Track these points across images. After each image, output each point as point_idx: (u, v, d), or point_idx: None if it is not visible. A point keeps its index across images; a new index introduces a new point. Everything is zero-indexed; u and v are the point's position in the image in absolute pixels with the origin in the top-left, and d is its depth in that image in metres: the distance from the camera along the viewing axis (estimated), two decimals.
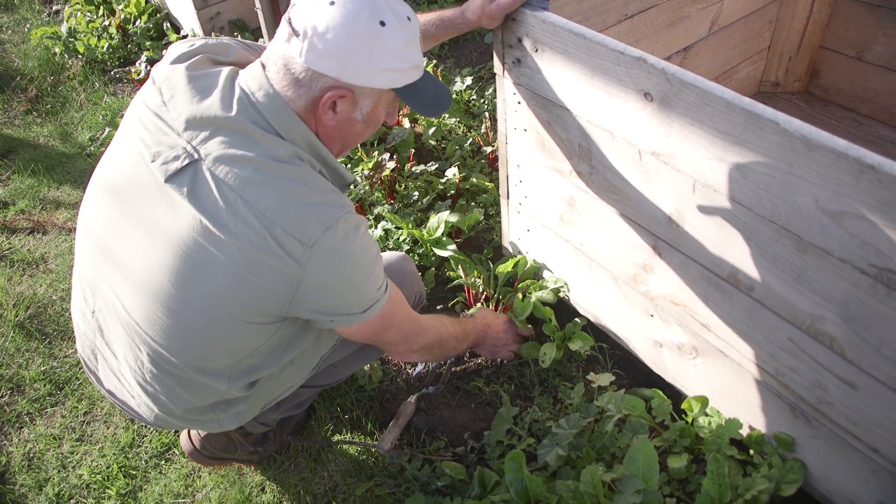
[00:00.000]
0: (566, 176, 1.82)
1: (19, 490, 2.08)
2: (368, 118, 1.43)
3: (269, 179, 1.30)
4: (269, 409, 1.78)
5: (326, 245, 1.32)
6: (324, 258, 1.32)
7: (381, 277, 1.49)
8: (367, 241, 1.42)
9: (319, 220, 1.31)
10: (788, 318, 1.41)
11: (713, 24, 2.30)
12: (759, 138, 1.23)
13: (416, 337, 1.68)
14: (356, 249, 1.37)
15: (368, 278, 1.43)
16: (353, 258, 1.37)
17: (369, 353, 1.89)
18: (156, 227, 1.35)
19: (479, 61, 3.67)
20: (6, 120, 3.93)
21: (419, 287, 1.97)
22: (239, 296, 1.34)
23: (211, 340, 1.41)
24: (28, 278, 2.84)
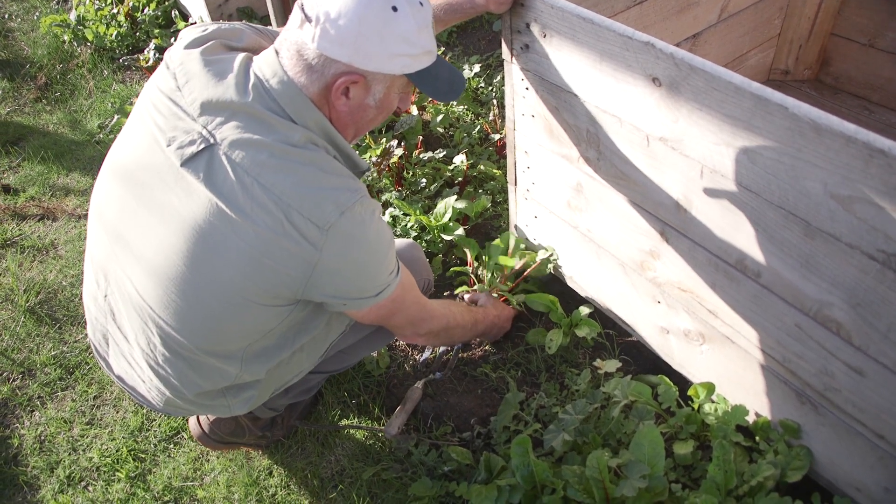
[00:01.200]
0: (574, 162, 1.82)
1: (31, 472, 2.10)
2: (381, 104, 1.43)
3: (285, 164, 1.31)
4: (278, 395, 1.79)
5: (342, 229, 1.33)
6: (340, 242, 1.34)
7: (393, 261, 1.51)
8: (381, 225, 1.43)
9: (336, 203, 1.32)
10: (796, 305, 1.41)
11: (723, 10, 2.28)
12: (768, 123, 1.22)
13: (423, 322, 1.69)
14: (371, 233, 1.38)
15: (382, 262, 1.45)
16: (369, 242, 1.38)
17: (378, 340, 1.90)
18: (170, 211, 1.36)
19: (487, 49, 3.66)
20: (16, 108, 3.95)
21: (427, 274, 1.97)
22: (254, 279, 1.35)
23: (224, 323, 1.42)
24: (38, 264, 2.86)
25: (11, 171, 3.46)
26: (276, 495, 1.94)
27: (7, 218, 3.11)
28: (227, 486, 1.97)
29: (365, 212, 1.37)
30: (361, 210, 1.36)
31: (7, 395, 2.33)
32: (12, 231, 3.04)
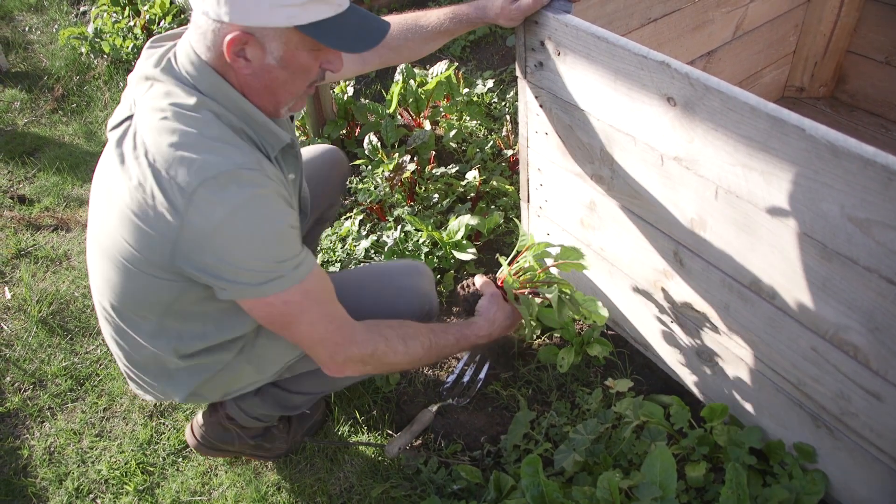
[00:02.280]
0: (587, 180, 1.81)
1: (40, 483, 2.10)
2: (287, 63, 1.31)
3: (168, 125, 1.29)
4: (250, 403, 1.78)
5: (205, 196, 1.24)
6: (202, 210, 1.25)
7: (281, 253, 1.33)
8: (260, 206, 1.28)
9: (202, 169, 1.25)
10: (811, 327, 1.39)
11: (738, 28, 2.27)
12: (785, 144, 1.21)
13: (338, 346, 1.47)
14: (240, 209, 1.26)
15: (257, 247, 1.30)
16: (235, 217, 1.26)
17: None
18: (109, 191, 1.38)
19: (500, 64, 3.67)
20: (33, 118, 3.98)
21: (425, 302, 1.80)
22: (127, 238, 1.34)
23: (123, 288, 1.44)
24: (51, 275, 2.87)
25: (27, 182, 3.48)
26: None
27: (21, 228, 3.13)
28: (236, 502, 1.97)
29: (238, 183, 1.26)
30: (232, 180, 1.25)
31: (18, 405, 2.33)
32: (26, 241, 3.06)
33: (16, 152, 3.67)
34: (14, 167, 3.57)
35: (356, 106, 3.12)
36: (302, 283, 1.37)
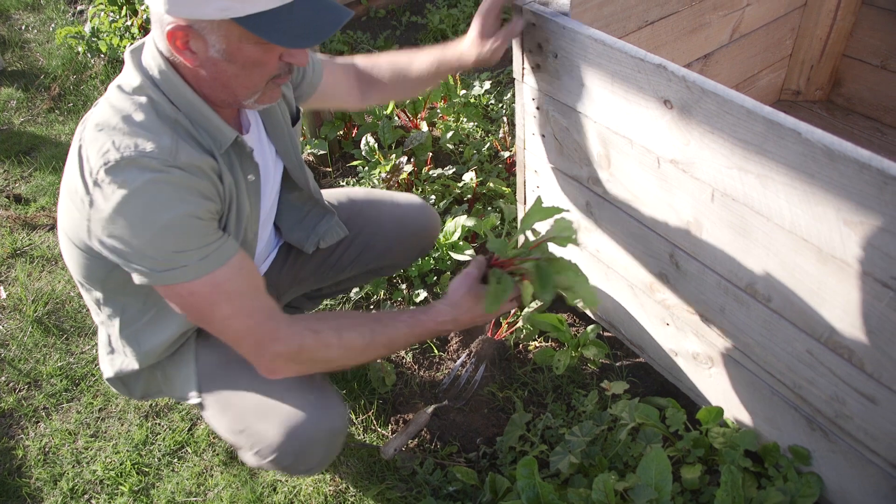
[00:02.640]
0: (583, 182, 1.81)
1: (35, 484, 2.10)
2: (233, 57, 1.24)
3: (103, 105, 1.30)
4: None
5: (106, 180, 1.22)
6: (104, 193, 1.23)
7: (180, 243, 1.27)
8: (156, 192, 1.23)
9: (109, 152, 1.23)
10: (806, 330, 1.39)
11: (734, 31, 2.28)
12: (780, 148, 1.21)
13: (261, 345, 1.37)
14: (134, 194, 1.22)
15: (152, 234, 1.25)
16: (130, 202, 1.22)
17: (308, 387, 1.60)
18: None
19: (497, 66, 3.67)
20: (29, 117, 3.97)
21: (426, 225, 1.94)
22: (65, 215, 1.38)
23: (71, 261, 1.47)
24: (47, 274, 2.86)
25: (23, 181, 3.48)
26: None
27: (17, 227, 3.13)
28: (231, 503, 1.96)
29: (138, 170, 1.22)
30: (134, 166, 1.22)
31: (13, 405, 2.33)
32: (22, 241, 3.05)
33: (11, 151, 3.66)
34: (10, 166, 3.56)
35: None
36: (210, 276, 1.30)
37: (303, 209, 1.79)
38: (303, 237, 1.81)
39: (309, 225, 1.81)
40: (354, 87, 1.81)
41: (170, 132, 1.28)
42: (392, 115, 3.07)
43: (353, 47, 3.98)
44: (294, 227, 1.80)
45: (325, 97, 1.78)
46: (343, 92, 1.80)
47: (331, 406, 1.50)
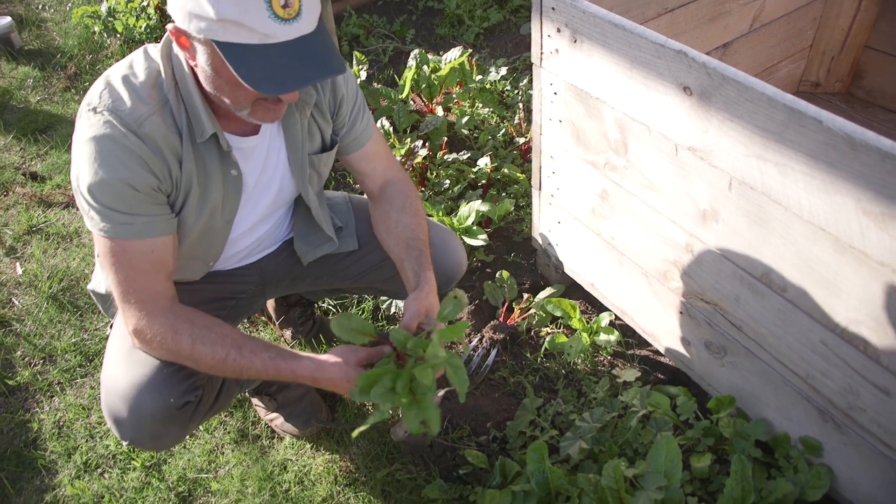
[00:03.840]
0: (600, 169, 1.81)
1: (49, 456, 2.12)
2: (217, 72, 1.27)
3: (126, 59, 1.41)
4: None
5: (83, 116, 1.35)
6: (79, 124, 1.36)
7: (106, 200, 1.33)
8: (100, 148, 1.31)
9: (91, 99, 1.35)
10: (822, 321, 1.39)
11: (755, 20, 2.26)
12: (801, 136, 1.21)
13: (132, 318, 1.42)
14: (87, 142, 1.32)
15: (87, 181, 1.33)
16: (82, 147, 1.33)
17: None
18: None
19: (514, 52, 3.65)
20: (46, 96, 3.99)
21: (454, 259, 1.81)
22: None
23: None
24: (62, 251, 2.88)
25: (39, 159, 3.49)
26: (290, 491, 1.94)
27: (33, 205, 3.15)
28: (241, 480, 1.98)
29: (99, 123, 1.32)
30: (97, 118, 1.32)
31: (28, 379, 2.35)
32: (38, 218, 3.07)
33: (28, 129, 3.67)
34: (26, 144, 3.57)
35: (369, 90, 3.12)
36: (123, 242, 1.38)
37: (312, 229, 1.80)
38: (304, 250, 1.82)
39: (313, 242, 1.82)
40: (374, 192, 1.75)
41: (153, 103, 1.36)
42: (407, 100, 3.06)
43: (369, 31, 3.97)
44: (300, 238, 1.82)
45: (360, 166, 1.74)
46: (367, 181, 1.76)
47: (154, 390, 1.49)
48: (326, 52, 1.27)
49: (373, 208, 1.76)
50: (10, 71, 4.21)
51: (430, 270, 1.55)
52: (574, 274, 2.21)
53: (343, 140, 1.68)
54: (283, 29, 1.20)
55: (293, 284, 1.93)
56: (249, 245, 1.76)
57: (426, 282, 1.52)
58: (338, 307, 2.45)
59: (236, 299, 1.80)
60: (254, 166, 1.57)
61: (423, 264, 1.56)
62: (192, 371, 1.53)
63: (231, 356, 1.41)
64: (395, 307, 2.33)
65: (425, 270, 1.55)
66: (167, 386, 1.49)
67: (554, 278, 2.34)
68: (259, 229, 1.73)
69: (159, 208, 1.41)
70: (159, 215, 1.40)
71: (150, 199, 1.38)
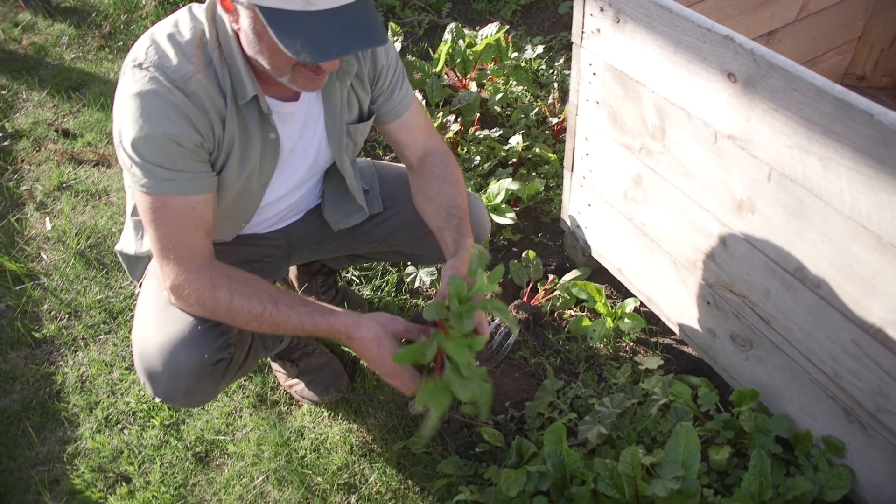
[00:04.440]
0: (635, 153, 1.78)
1: (72, 409, 2.16)
2: (259, 37, 1.28)
3: (172, 17, 1.42)
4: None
5: (128, 72, 1.35)
6: (123, 80, 1.36)
7: (149, 154, 1.34)
8: (147, 102, 1.32)
9: (142, 51, 1.35)
10: (855, 320, 1.36)
11: (802, 8, 2.19)
12: (849, 129, 1.17)
13: (170, 273, 1.43)
14: (133, 97, 1.32)
15: (135, 137, 1.33)
16: (131, 102, 1.33)
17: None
18: None
19: (550, 31, 3.60)
20: (80, 54, 4.00)
21: (476, 223, 1.77)
22: None
23: None
24: (91, 209, 2.91)
25: (71, 116, 3.52)
26: (306, 458, 1.95)
27: (64, 161, 3.17)
28: (258, 444, 2.00)
29: (144, 78, 1.32)
30: (143, 73, 1.33)
31: (54, 333, 2.39)
32: (68, 174, 3.09)
33: (62, 86, 3.69)
34: (59, 101, 3.60)
35: (403, 63, 3.09)
36: (165, 197, 1.38)
37: (344, 197, 1.80)
38: (335, 218, 1.82)
39: (345, 211, 1.82)
40: (413, 163, 1.74)
41: (198, 62, 1.36)
42: (441, 73, 3.04)
43: (405, 2, 3.92)
44: (331, 206, 1.81)
45: (400, 136, 1.72)
46: (407, 152, 1.74)
47: (189, 346, 1.50)
48: (369, 21, 1.25)
49: (412, 178, 1.74)
50: (46, 28, 4.23)
51: (469, 237, 1.55)
52: (601, 258, 2.19)
53: (381, 109, 1.66)
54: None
55: (317, 249, 1.93)
56: (281, 210, 1.76)
57: (464, 249, 1.52)
58: (362, 277, 2.45)
59: (262, 262, 1.81)
60: (291, 132, 1.56)
61: (462, 232, 1.56)
62: (225, 328, 1.54)
63: (268, 310, 1.42)
64: (418, 281, 2.32)
65: (464, 237, 1.54)
66: (202, 342, 1.50)
67: (580, 261, 2.32)
68: (292, 196, 1.74)
69: (202, 165, 1.41)
70: (202, 172, 1.41)
71: (193, 155, 1.38)
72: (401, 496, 1.85)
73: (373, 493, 1.87)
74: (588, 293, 2.10)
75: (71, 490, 1.95)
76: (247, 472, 1.95)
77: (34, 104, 3.60)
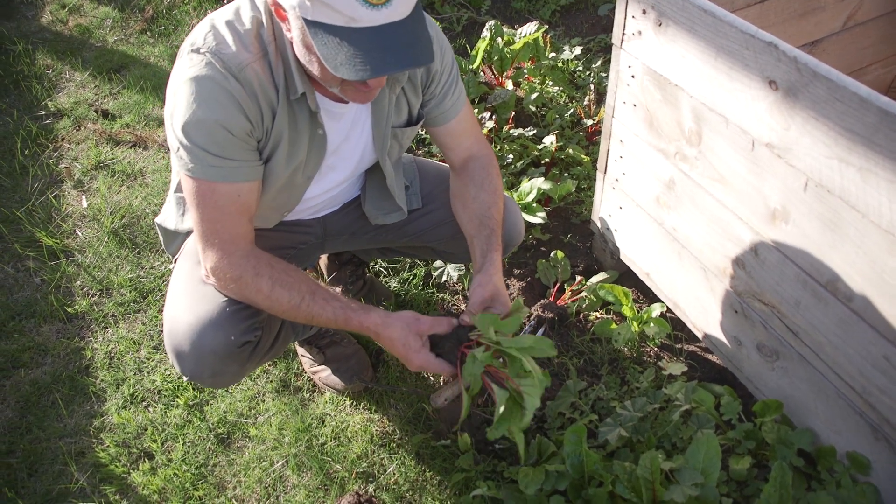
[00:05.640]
0: (670, 157, 1.77)
1: (100, 384, 2.20)
2: (308, 48, 1.28)
3: (233, 4, 1.42)
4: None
5: (185, 56, 1.36)
6: (179, 64, 1.37)
7: (201, 140, 1.35)
8: (202, 88, 1.33)
9: (201, 36, 1.36)
10: (888, 336, 1.34)
11: (849, 18, 2.16)
12: (892, 142, 1.16)
13: (212, 257, 1.45)
14: (191, 81, 1.33)
15: (186, 121, 1.34)
16: (185, 86, 1.34)
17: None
18: None
19: (589, 32, 3.59)
20: (122, 37, 4.07)
21: (509, 229, 1.81)
22: None
23: None
24: (126, 189, 2.96)
25: (111, 97, 3.57)
26: (326, 445, 1.97)
27: (103, 141, 3.23)
28: (279, 429, 2.02)
29: (201, 63, 1.33)
30: (201, 59, 1.34)
31: (85, 309, 2.43)
32: (106, 154, 3.15)
33: (104, 68, 3.76)
34: (101, 82, 3.66)
35: None
36: (212, 184, 1.39)
37: (384, 194, 1.81)
38: (374, 214, 1.84)
39: (384, 208, 1.84)
40: (456, 165, 1.75)
41: (255, 52, 1.37)
42: (478, 70, 3.04)
43: None
44: (371, 201, 1.83)
45: (446, 140, 1.73)
46: (451, 154, 1.75)
47: (216, 327, 1.51)
48: (416, 40, 1.24)
49: (453, 180, 1.76)
50: (91, 10, 4.31)
51: (497, 252, 1.57)
52: (630, 261, 2.18)
53: (431, 112, 1.67)
54: (369, 14, 1.18)
55: (351, 240, 1.95)
56: (322, 202, 1.78)
57: (491, 264, 1.54)
58: (389, 269, 2.46)
59: (297, 249, 1.83)
60: (339, 130, 1.58)
61: (491, 245, 1.57)
62: (253, 311, 1.56)
63: (305, 301, 1.45)
64: (446, 276, 2.33)
65: (493, 251, 1.56)
66: (230, 323, 1.52)
67: (609, 264, 2.31)
68: (334, 189, 1.76)
69: (250, 154, 1.42)
70: (248, 161, 1.42)
71: (242, 143, 1.40)
72: (418, 488, 1.86)
73: (391, 483, 1.88)
74: (615, 296, 2.09)
75: (96, 463, 1.99)
76: (267, 456, 1.97)
77: (76, 84, 3.66)
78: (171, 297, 1.61)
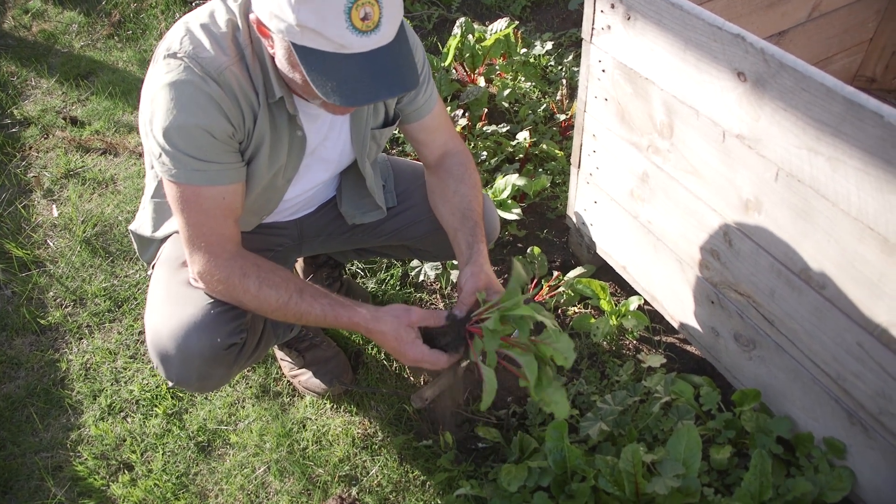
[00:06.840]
0: (643, 150, 1.78)
1: (76, 396, 2.17)
2: (293, 66, 1.28)
3: (206, 7, 1.40)
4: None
5: (161, 62, 1.34)
6: (154, 69, 1.36)
7: (181, 144, 1.34)
8: (180, 92, 1.31)
9: (176, 40, 1.34)
10: (860, 322, 1.36)
11: (814, 9, 2.18)
12: (858, 130, 1.17)
13: (199, 259, 1.44)
14: (170, 87, 1.31)
15: (167, 127, 1.33)
16: (164, 92, 1.32)
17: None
18: None
19: (560, 27, 3.59)
20: (89, 42, 4.01)
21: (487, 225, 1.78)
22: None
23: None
24: (97, 197, 2.92)
25: (80, 104, 3.52)
26: (307, 449, 1.96)
27: (72, 149, 3.18)
28: (260, 435, 2.01)
29: (178, 68, 1.31)
30: (177, 63, 1.32)
31: (59, 320, 2.40)
32: (75, 162, 3.10)
33: (70, 74, 3.70)
34: (68, 89, 3.60)
35: None
36: (196, 187, 1.38)
37: (361, 193, 1.80)
38: (351, 213, 1.83)
39: (362, 207, 1.83)
40: (431, 162, 1.75)
41: (232, 55, 1.35)
42: (450, 68, 3.03)
43: None
44: (348, 201, 1.82)
45: (420, 136, 1.72)
46: (425, 150, 1.74)
47: (202, 329, 1.50)
48: (402, 65, 1.26)
49: (428, 176, 1.75)
50: (55, 15, 4.24)
51: (483, 242, 1.57)
52: (606, 255, 2.19)
53: (405, 109, 1.66)
54: (358, 41, 1.19)
55: (328, 241, 1.94)
56: (299, 203, 1.78)
57: (479, 254, 1.54)
58: (366, 270, 2.45)
59: (274, 252, 1.81)
60: (317, 131, 1.57)
61: (476, 236, 1.57)
62: (238, 313, 1.55)
63: (293, 300, 1.45)
64: (423, 275, 2.33)
65: (479, 242, 1.56)
66: (215, 326, 1.50)
67: (585, 258, 2.32)
68: (311, 190, 1.75)
69: (232, 156, 1.41)
70: (232, 163, 1.41)
71: (225, 146, 1.39)
72: (401, 489, 1.86)
73: (374, 485, 1.87)
74: (592, 290, 2.10)
75: (74, 477, 1.96)
76: (248, 463, 1.96)
77: (43, 91, 3.61)
78: (151, 304, 1.59)
